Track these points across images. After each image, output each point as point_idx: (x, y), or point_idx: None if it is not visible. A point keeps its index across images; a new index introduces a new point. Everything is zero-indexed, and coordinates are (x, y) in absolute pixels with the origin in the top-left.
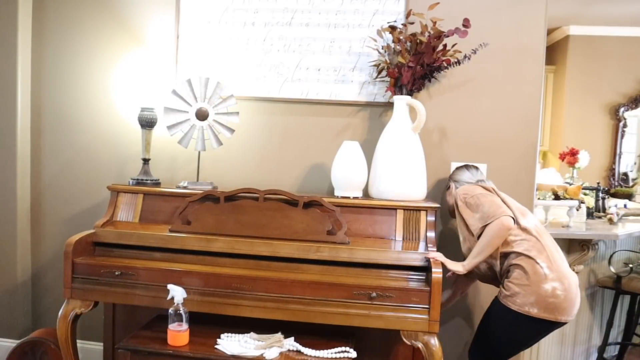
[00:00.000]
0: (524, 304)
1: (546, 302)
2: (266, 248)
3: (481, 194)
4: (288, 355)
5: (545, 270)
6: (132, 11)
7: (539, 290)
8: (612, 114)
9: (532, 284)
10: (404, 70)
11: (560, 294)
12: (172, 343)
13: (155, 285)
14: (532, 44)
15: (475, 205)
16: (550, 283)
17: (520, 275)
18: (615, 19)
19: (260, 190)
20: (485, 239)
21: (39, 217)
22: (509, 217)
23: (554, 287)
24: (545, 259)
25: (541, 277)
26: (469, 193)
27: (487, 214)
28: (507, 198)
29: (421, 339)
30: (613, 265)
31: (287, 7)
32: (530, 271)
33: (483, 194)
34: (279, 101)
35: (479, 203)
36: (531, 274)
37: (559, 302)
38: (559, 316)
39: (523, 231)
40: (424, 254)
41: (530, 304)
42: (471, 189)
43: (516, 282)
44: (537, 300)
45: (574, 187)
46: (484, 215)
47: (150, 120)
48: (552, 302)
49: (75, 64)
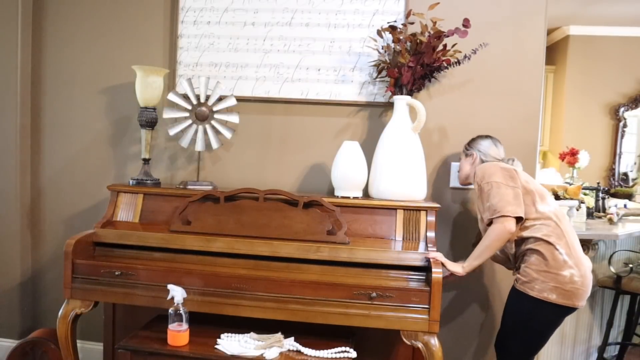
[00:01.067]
0: (543, 289)
1: (564, 289)
2: (266, 248)
3: (497, 182)
4: (288, 355)
5: (565, 257)
6: (132, 11)
7: (557, 277)
8: (612, 114)
9: (550, 270)
10: (404, 70)
11: (577, 280)
12: (172, 343)
13: (155, 285)
14: (532, 43)
15: (487, 194)
16: (568, 270)
17: (538, 261)
18: (615, 19)
19: (260, 190)
20: (486, 241)
21: (39, 217)
22: (512, 220)
23: (572, 274)
24: (564, 245)
25: (560, 264)
26: (486, 177)
27: (493, 208)
28: (529, 181)
29: (421, 339)
30: (613, 265)
31: (287, 7)
32: (550, 257)
33: (498, 183)
34: (279, 101)
35: (491, 193)
36: (550, 260)
37: (577, 288)
38: (576, 302)
39: (541, 216)
40: (424, 254)
41: (549, 289)
42: (490, 172)
43: (534, 268)
44: (555, 286)
45: (574, 187)
46: (491, 208)
47: (151, 120)
48: (571, 289)
49: (75, 63)
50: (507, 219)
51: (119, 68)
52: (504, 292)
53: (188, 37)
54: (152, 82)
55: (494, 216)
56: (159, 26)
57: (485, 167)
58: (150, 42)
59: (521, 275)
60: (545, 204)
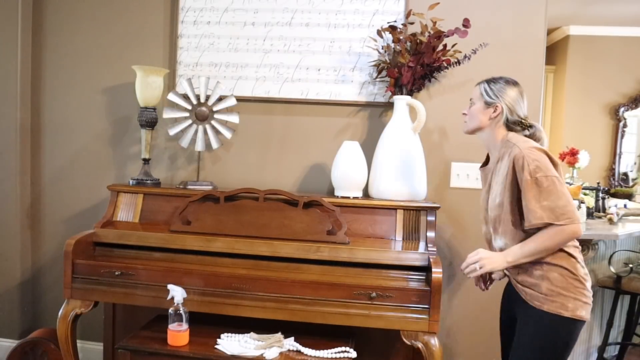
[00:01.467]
0: (576, 307)
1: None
2: (266, 248)
3: (556, 177)
4: (288, 355)
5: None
6: (132, 11)
7: (584, 291)
8: (612, 114)
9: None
10: (404, 70)
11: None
12: (172, 343)
13: (155, 285)
14: (532, 44)
15: (548, 191)
16: (589, 282)
17: (563, 275)
18: (615, 19)
19: (260, 190)
20: (550, 242)
21: (39, 217)
22: (580, 225)
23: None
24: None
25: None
26: (542, 167)
27: (561, 211)
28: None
29: (421, 339)
30: (613, 265)
31: (287, 7)
32: (574, 270)
33: (557, 178)
34: (279, 101)
35: (554, 190)
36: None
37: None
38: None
39: None
40: (424, 254)
41: (581, 306)
42: (544, 162)
43: (560, 285)
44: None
45: (574, 187)
46: (557, 209)
47: (151, 120)
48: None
49: (75, 63)
50: (577, 224)
51: (119, 68)
52: None
53: (188, 37)
54: (152, 82)
55: (560, 222)
56: (159, 26)
57: (535, 154)
58: (150, 42)
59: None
60: None
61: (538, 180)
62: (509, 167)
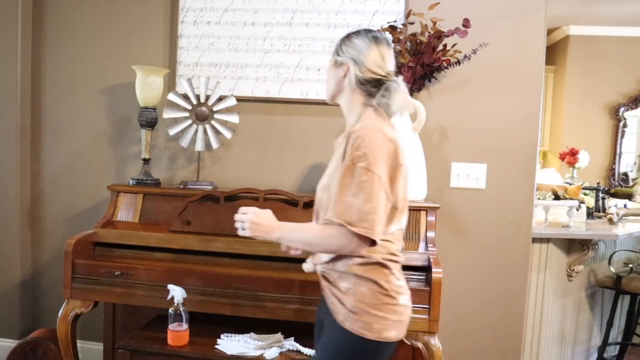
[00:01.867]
0: (383, 328)
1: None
2: (266, 248)
3: (379, 177)
4: (288, 355)
5: (401, 282)
6: (132, 11)
7: (395, 307)
8: (612, 114)
9: (387, 300)
10: (404, 70)
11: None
12: (172, 343)
13: (155, 285)
14: (532, 43)
15: (360, 188)
16: (403, 295)
17: (372, 290)
18: (615, 19)
19: (260, 190)
20: (331, 242)
21: (39, 217)
22: (377, 243)
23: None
24: (399, 267)
25: (394, 290)
26: (369, 158)
27: (362, 216)
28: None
29: (421, 339)
30: (613, 265)
31: (287, 7)
32: (385, 284)
33: (381, 179)
34: (279, 101)
35: (367, 189)
36: (386, 288)
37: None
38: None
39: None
40: (424, 254)
41: (389, 326)
42: (378, 155)
43: (368, 302)
44: (395, 319)
45: (574, 187)
46: (359, 212)
47: (151, 120)
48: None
49: (75, 63)
50: (371, 241)
51: (119, 68)
52: (507, 291)
53: (188, 37)
54: (152, 82)
55: (355, 228)
56: (159, 26)
57: (376, 140)
58: (150, 42)
59: (347, 307)
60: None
61: (356, 169)
62: (345, 145)
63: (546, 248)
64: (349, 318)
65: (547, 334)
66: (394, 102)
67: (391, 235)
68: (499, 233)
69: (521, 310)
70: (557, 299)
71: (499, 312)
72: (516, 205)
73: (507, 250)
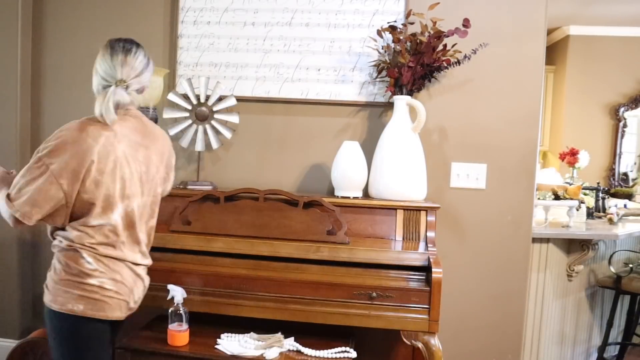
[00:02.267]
0: (67, 301)
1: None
2: (266, 248)
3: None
4: (288, 355)
5: (97, 266)
6: (132, 11)
7: (82, 285)
8: (612, 114)
9: (74, 278)
10: (404, 70)
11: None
12: (172, 343)
13: (155, 285)
14: (532, 43)
15: (29, 173)
16: (96, 278)
17: (63, 268)
18: (615, 19)
19: (260, 190)
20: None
21: None
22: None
23: (102, 282)
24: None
25: (84, 271)
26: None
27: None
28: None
29: (421, 339)
30: (613, 265)
31: (287, 7)
32: (74, 264)
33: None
34: (279, 101)
35: (34, 178)
36: (73, 267)
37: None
38: (109, 313)
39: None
40: (424, 254)
41: (74, 300)
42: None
43: (58, 277)
44: (80, 294)
45: (574, 187)
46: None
47: (151, 120)
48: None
49: (75, 63)
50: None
51: None
52: (507, 291)
53: (188, 37)
54: (152, 82)
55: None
56: (159, 26)
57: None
58: (150, 42)
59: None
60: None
61: (34, 156)
62: None
63: (546, 248)
64: (45, 293)
65: (547, 334)
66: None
67: (90, 229)
68: (499, 233)
69: (521, 310)
70: (557, 299)
71: (499, 312)
72: (516, 205)
73: (507, 250)
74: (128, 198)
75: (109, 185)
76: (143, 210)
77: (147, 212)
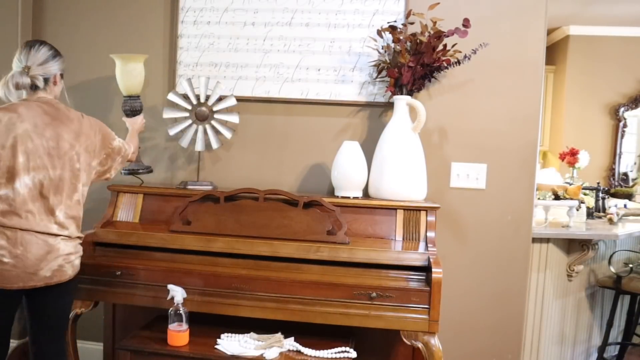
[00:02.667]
0: None
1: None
2: (266, 248)
3: None
4: (288, 355)
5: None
6: (132, 11)
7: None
8: (612, 114)
9: None
10: (404, 70)
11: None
12: (172, 343)
13: (155, 285)
14: (532, 43)
15: None
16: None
17: None
18: (615, 19)
19: (260, 190)
20: None
21: None
22: None
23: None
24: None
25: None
26: None
27: None
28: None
29: (421, 339)
30: (613, 265)
31: (287, 7)
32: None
33: None
34: (279, 101)
35: None
36: None
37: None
38: (6, 284)
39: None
40: (424, 254)
41: None
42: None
43: None
44: None
45: (574, 187)
46: None
47: (135, 109)
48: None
49: (74, 63)
50: None
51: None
52: (507, 291)
53: (188, 37)
54: (132, 69)
55: None
56: (159, 26)
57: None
58: (151, 42)
59: None
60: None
61: None
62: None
63: (546, 248)
64: None
65: (547, 334)
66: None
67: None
68: (499, 233)
69: (521, 310)
70: (557, 299)
71: (499, 312)
72: (516, 205)
73: (507, 250)
74: (34, 170)
75: (10, 158)
76: (59, 183)
77: (65, 185)
